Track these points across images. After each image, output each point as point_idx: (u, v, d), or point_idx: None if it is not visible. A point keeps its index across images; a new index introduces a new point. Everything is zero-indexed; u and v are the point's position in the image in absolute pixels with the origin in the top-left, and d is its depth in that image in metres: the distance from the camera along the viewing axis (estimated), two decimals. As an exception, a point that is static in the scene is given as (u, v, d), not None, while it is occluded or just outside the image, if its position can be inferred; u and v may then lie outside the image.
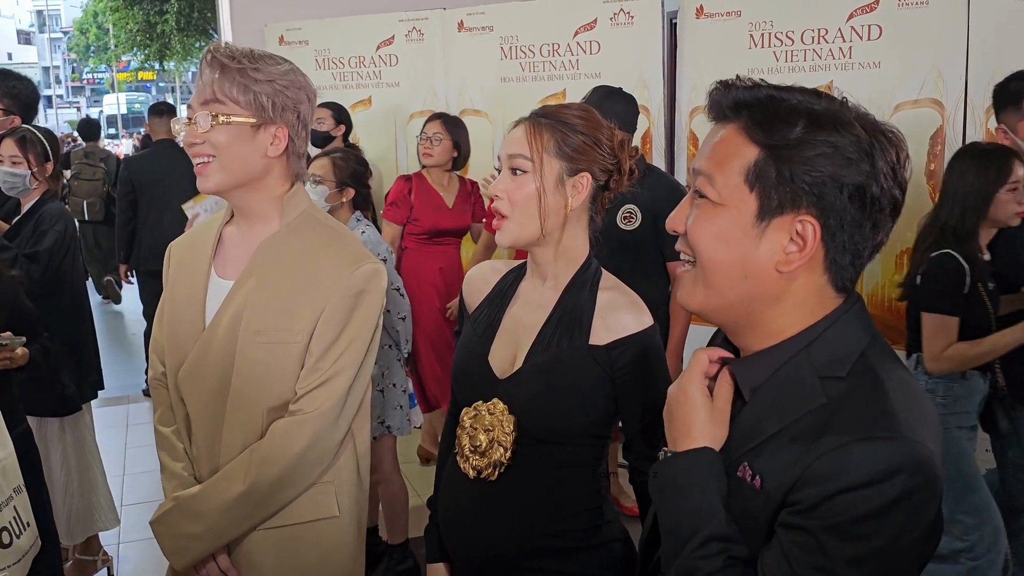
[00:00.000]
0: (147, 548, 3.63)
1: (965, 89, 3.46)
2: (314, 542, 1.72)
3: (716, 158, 1.06)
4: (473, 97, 4.67)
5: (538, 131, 1.54)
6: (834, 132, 1.01)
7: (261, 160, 1.66)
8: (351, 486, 1.77)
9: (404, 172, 4.98)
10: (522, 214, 1.54)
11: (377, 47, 4.90)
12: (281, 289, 1.65)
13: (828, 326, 1.06)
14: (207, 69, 1.63)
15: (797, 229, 1.02)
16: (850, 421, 0.98)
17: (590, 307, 1.56)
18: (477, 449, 1.55)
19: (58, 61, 52.62)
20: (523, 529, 1.56)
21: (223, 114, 1.61)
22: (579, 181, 1.55)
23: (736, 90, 1.07)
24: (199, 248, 1.78)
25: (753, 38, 3.88)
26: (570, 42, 4.32)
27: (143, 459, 4.70)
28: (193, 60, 23.45)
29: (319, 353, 1.65)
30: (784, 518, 0.99)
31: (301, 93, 1.67)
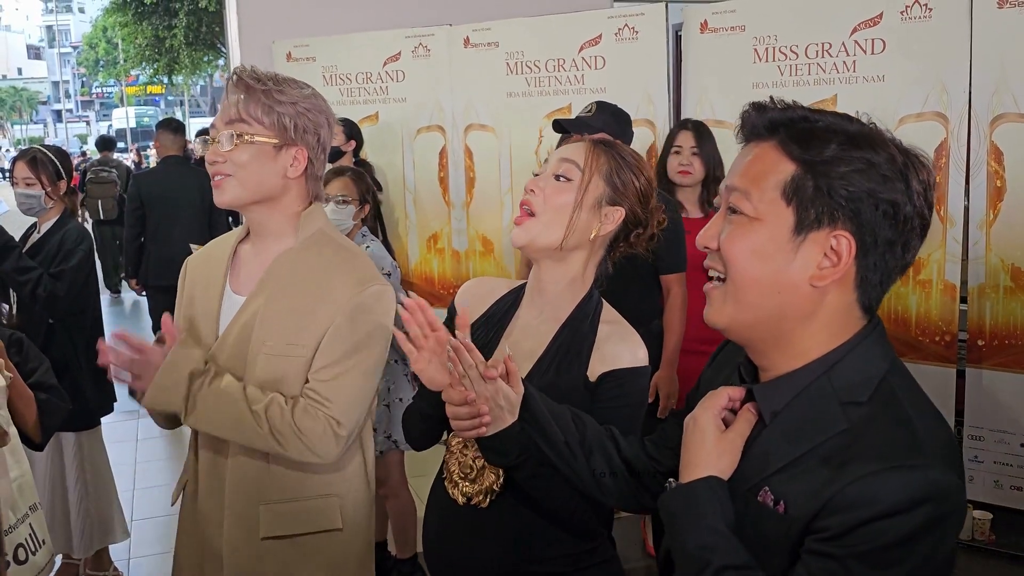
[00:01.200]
0: (158, 563, 3.66)
1: (969, 102, 3.47)
2: (317, 554, 1.75)
3: (751, 174, 1.08)
4: (479, 112, 4.70)
5: (597, 151, 1.57)
6: (869, 150, 1.03)
7: (280, 180, 1.71)
8: (356, 500, 1.79)
9: (410, 187, 5.02)
10: (551, 218, 1.54)
11: (384, 63, 4.94)
12: (291, 303, 1.70)
13: (850, 350, 1.07)
14: (232, 90, 1.69)
15: (832, 244, 1.04)
16: (876, 448, 0.99)
17: (590, 340, 1.55)
18: (467, 476, 1.54)
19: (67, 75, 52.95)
20: (512, 556, 1.55)
21: (247, 134, 1.67)
22: (613, 213, 1.56)
23: (771, 111, 1.09)
24: (214, 264, 1.83)
25: (757, 52, 3.90)
26: (575, 57, 4.35)
27: (153, 474, 4.74)
28: (201, 74, 23.60)
29: (320, 368, 1.68)
30: (811, 545, 1.00)
31: (321, 117, 1.73)
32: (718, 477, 1.10)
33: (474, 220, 4.81)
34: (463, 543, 1.59)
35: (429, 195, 4.95)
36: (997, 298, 3.53)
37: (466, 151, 4.78)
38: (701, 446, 1.12)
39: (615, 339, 1.55)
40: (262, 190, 1.71)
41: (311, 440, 1.65)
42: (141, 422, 5.58)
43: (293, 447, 1.65)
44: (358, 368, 1.69)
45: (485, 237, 4.79)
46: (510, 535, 1.55)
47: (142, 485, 4.60)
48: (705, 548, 1.06)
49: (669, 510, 1.13)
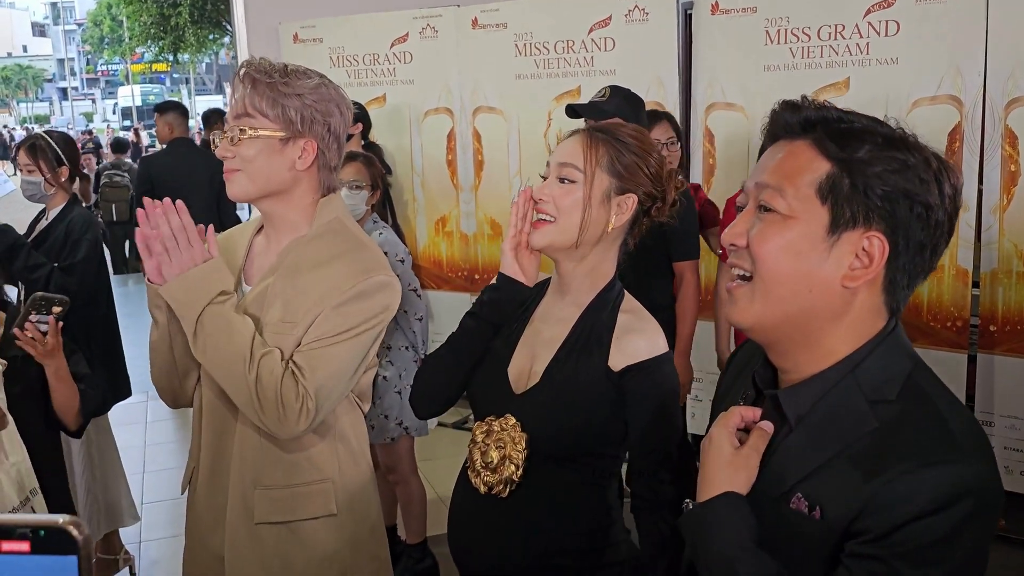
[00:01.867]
0: (169, 546, 3.68)
1: (984, 85, 3.42)
2: (311, 540, 1.75)
3: (784, 171, 1.07)
4: (487, 94, 4.67)
5: (594, 144, 1.54)
6: (905, 151, 1.03)
7: (289, 173, 1.70)
8: (350, 485, 1.79)
9: (418, 170, 5.00)
10: (565, 220, 1.53)
11: (391, 44, 4.90)
12: (293, 286, 1.69)
13: (872, 349, 1.06)
14: (240, 84, 1.68)
15: (864, 245, 1.03)
16: (911, 446, 0.98)
17: (610, 327, 1.55)
18: (488, 465, 1.55)
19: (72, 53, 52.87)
20: (531, 547, 1.56)
21: (252, 128, 1.66)
22: (625, 201, 1.54)
23: (806, 109, 1.08)
24: (232, 253, 1.82)
25: (769, 34, 3.85)
26: (584, 39, 4.31)
27: (163, 456, 4.76)
28: (207, 52, 23.52)
29: (307, 342, 1.65)
30: (854, 548, 0.99)
31: (331, 106, 1.70)
32: (736, 492, 1.09)
33: (483, 203, 4.79)
34: (484, 532, 1.59)
35: (437, 178, 4.93)
36: (1010, 283, 3.51)
37: (474, 134, 4.75)
38: (717, 463, 1.11)
39: (634, 330, 1.55)
40: (271, 184, 1.70)
41: (286, 411, 1.61)
42: (151, 404, 5.59)
43: (268, 409, 1.62)
44: (343, 349, 1.66)
45: (494, 220, 4.77)
46: (528, 526, 1.56)
47: (152, 468, 4.62)
48: (730, 561, 1.06)
49: (690, 530, 1.12)
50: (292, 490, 1.75)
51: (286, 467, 1.75)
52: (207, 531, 1.82)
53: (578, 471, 1.56)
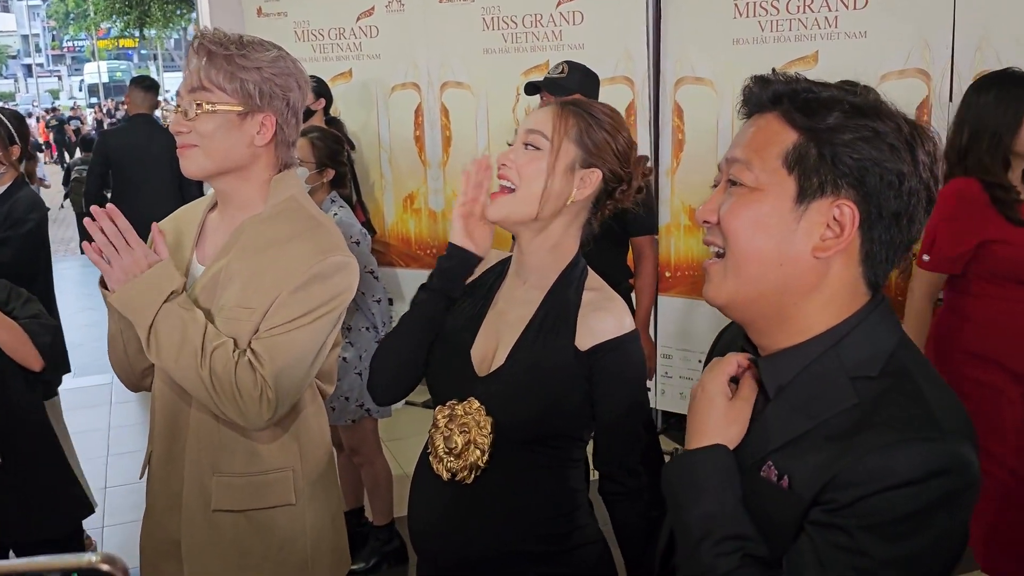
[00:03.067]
0: (132, 531, 3.60)
1: (952, 59, 3.41)
2: (270, 528, 1.72)
3: (753, 145, 1.05)
4: (455, 69, 4.60)
5: (565, 115, 1.51)
6: (876, 119, 1.00)
7: (247, 149, 1.65)
8: (309, 474, 1.76)
9: (385, 146, 4.92)
10: (527, 191, 1.49)
11: (357, 18, 4.81)
12: (249, 267, 1.65)
13: (856, 324, 1.04)
14: (194, 56, 1.62)
15: (835, 214, 1.01)
16: (889, 421, 0.96)
17: (575, 306, 1.52)
18: (452, 451, 1.51)
19: (37, 29, 51.87)
20: (499, 533, 1.52)
21: (208, 102, 1.60)
22: (589, 176, 1.50)
23: (775, 83, 1.06)
24: (183, 232, 1.77)
25: (738, 7, 3.81)
26: (553, 12, 4.24)
27: (127, 439, 4.68)
28: (174, 28, 23.14)
29: (265, 329, 1.61)
30: (817, 516, 0.97)
31: (290, 80, 1.66)
32: (725, 446, 1.07)
33: (451, 179, 4.73)
34: (447, 519, 1.55)
35: (405, 154, 4.86)
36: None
37: (442, 109, 4.68)
38: (709, 413, 1.09)
39: (601, 308, 1.51)
40: (229, 160, 1.65)
41: (245, 401, 1.59)
42: (115, 386, 5.51)
43: (227, 401, 1.59)
44: (302, 335, 1.62)
45: (462, 197, 4.71)
46: (495, 512, 1.52)
47: (116, 451, 4.54)
48: (707, 517, 1.04)
49: (674, 478, 1.10)
50: (250, 478, 1.72)
51: (245, 455, 1.71)
52: (163, 515, 1.78)
53: (544, 454, 1.52)
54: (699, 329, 4.08)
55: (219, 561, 1.74)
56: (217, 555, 1.73)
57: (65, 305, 8.04)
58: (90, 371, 5.89)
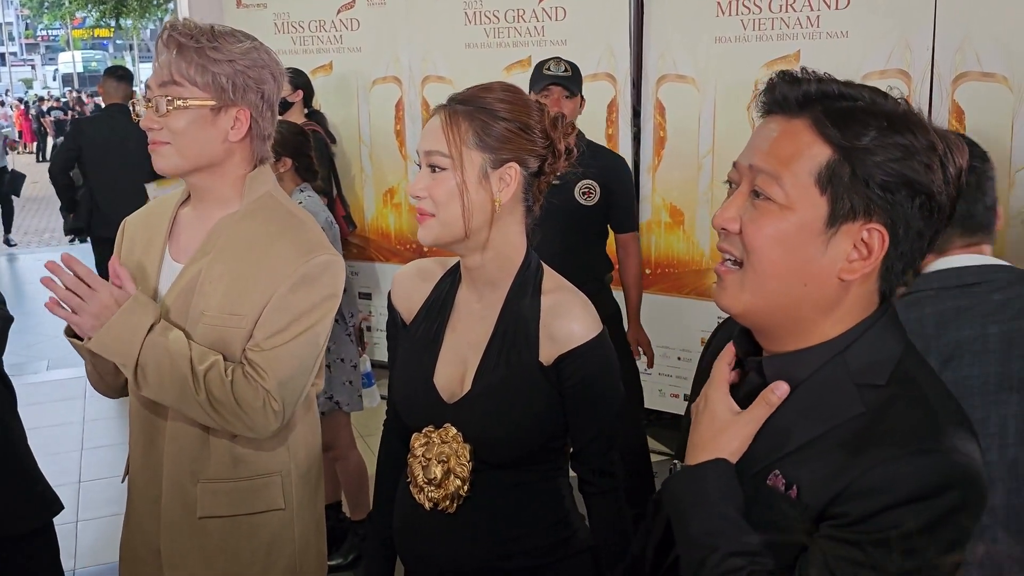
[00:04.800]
0: (107, 525, 3.58)
1: (932, 59, 3.43)
2: (258, 532, 1.69)
3: (781, 155, 0.99)
4: (437, 64, 4.58)
5: (455, 121, 1.38)
6: (910, 134, 0.96)
7: (222, 145, 1.60)
8: (299, 479, 1.74)
9: (366, 140, 4.90)
10: (446, 212, 1.39)
11: (338, 11, 4.78)
12: (232, 271, 1.60)
13: (864, 331, 1.02)
14: (164, 49, 1.56)
15: (863, 237, 0.98)
16: (897, 433, 0.95)
17: (535, 315, 1.44)
18: (432, 481, 1.45)
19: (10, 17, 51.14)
20: (486, 555, 1.49)
21: (180, 97, 1.55)
22: (506, 173, 1.40)
23: (806, 83, 1.01)
24: (154, 228, 1.72)
25: (720, 6, 3.82)
26: (535, 8, 4.23)
27: (101, 433, 4.64)
28: (151, 18, 22.90)
29: (260, 339, 1.59)
30: (828, 531, 0.96)
31: (264, 72, 1.60)
32: (726, 460, 1.05)
33: (431, 174, 4.70)
34: (436, 544, 1.50)
35: (385, 148, 4.84)
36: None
37: (423, 103, 4.66)
38: (710, 427, 1.07)
39: (564, 315, 1.44)
40: (203, 157, 1.60)
41: (250, 415, 1.57)
42: (90, 379, 5.46)
43: (232, 419, 1.57)
44: (299, 341, 1.60)
45: (442, 192, 4.69)
46: (480, 536, 1.48)
47: (90, 445, 4.49)
48: (711, 533, 1.02)
49: (674, 493, 1.08)
50: (236, 484, 1.69)
51: (229, 461, 1.68)
52: (143, 521, 1.75)
53: (528, 471, 1.48)
54: (679, 326, 4.09)
55: (204, 567, 1.70)
56: (202, 561, 1.70)
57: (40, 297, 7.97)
58: (64, 364, 5.83)
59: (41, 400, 5.08)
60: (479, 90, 1.43)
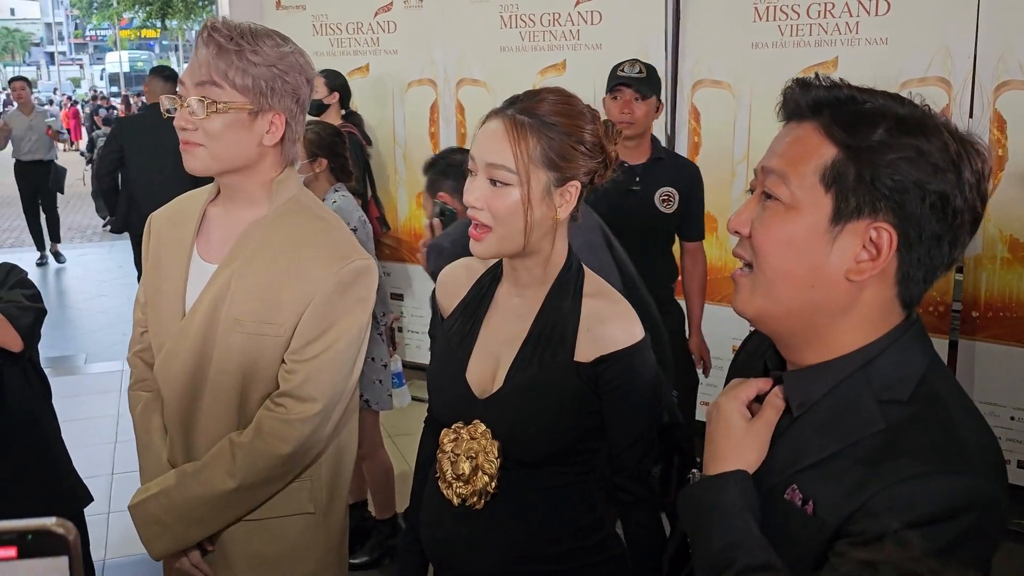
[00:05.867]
0: (104, 523, 3.62)
1: (974, 68, 3.38)
2: (286, 536, 1.70)
3: (790, 157, 1.00)
4: (472, 67, 4.59)
5: (522, 136, 1.35)
6: (921, 136, 0.95)
7: (256, 148, 1.59)
8: (328, 484, 1.73)
9: (400, 142, 4.93)
10: (505, 227, 1.37)
11: (375, 13, 4.81)
12: (264, 278, 1.59)
13: (888, 344, 1.00)
14: (203, 47, 1.54)
15: (871, 236, 0.96)
16: (918, 450, 0.93)
17: (574, 317, 1.43)
18: (460, 477, 1.45)
19: (60, 17, 52.17)
20: (514, 554, 1.47)
21: (220, 100, 1.53)
22: (568, 190, 1.39)
23: (816, 89, 1.01)
24: (182, 225, 1.71)
25: (758, 11, 3.79)
26: (571, 12, 4.23)
27: (110, 431, 4.69)
28: (196, 19, 23.22)
29: (299, 348, 1.58)
30: (843, 548, 0.93)
31: (300, 76, 1.59)
32: (745, 471, 1.03)
33: (465, 177, 4.71)
34: (462, 544, 1.50)
35: (419, 150, 4.86)
36: (994, 269, 3.49)
37: (457, 106, 4.68)
38: (727, 437, 1.05)
39: (608, 318, 1.43)
40: (236, 160, 1.59)
41: (296, 446, 1.60)
42: (126, 372, 5.53)
43: (294, 462, 1.63)
44: (336, 347, 1.60)
45: (475, 195, 4.70)
46: (508, 536, 1.47)
47: (124, 437, 4.55)
48: (730, 547, 1.00)
49: (693, 504, 1.06)
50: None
51: None
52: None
53: (558, 473, 1.47)
54: (711, 334, 4.04)
55: (225, 570, 1.71)
56: (225, 563, 1.71)
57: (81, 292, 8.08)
58: (102, 358, 5.93)
59: (78, 393, 5.17)
60: (538, 101, 1.39)
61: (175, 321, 1.65)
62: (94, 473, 3.61)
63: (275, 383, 1.61)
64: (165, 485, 1.64)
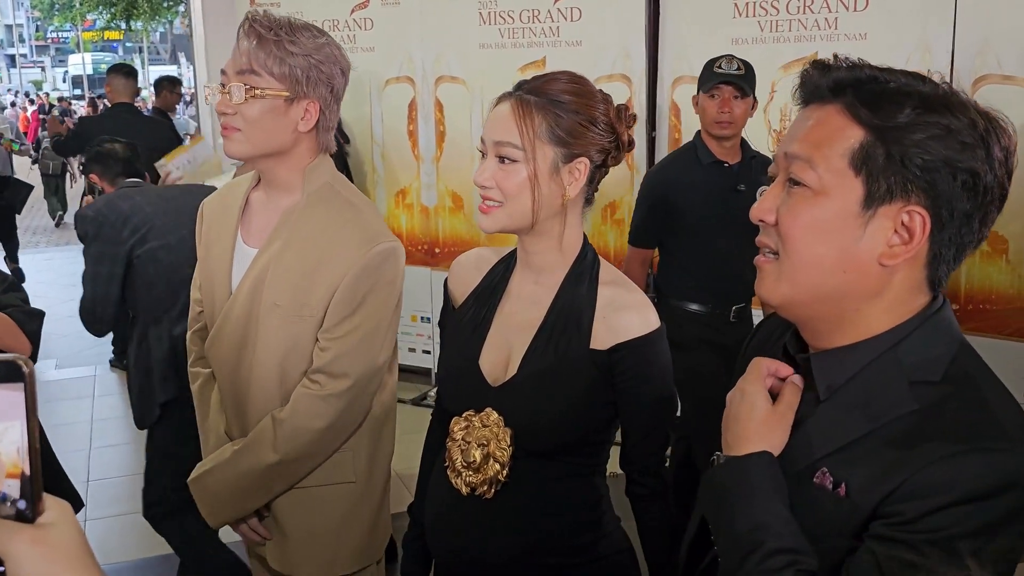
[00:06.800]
0: (114, 524, 3.56)
1: (952, 62, 3.40)
2: (332, 505, 1.80)
3: (814, 140, 0.97)
4: (450, 64, 4.56)
5: (527, 113, 1.37)
6: (948, 114, 0.93)
7: (291, 134, 1.68)
8: (368, 454, 1.83)
9: (378, 140, 4.88)
10: (514, 204, 1.39)
11: (351, 11, 4.77)
12: (299, 262, 1.69)
13: (917, 326, 0.99)
14: (244, 38, 1.64)
15: (903, 220, 0.94)
16: (954, 429, 0.91)
17: (590, 305, 1.43)
18: (471, 465, 1.43)
19: (21, 19, 51.35)
20: (522, 547, 1.46)
21: (258, 87, 1.62)
22: (576, 167, 1.39)
23: (837, 70, 0.98)
24: (228, 211, 1.82)
25: (737, 7, 3.79)
26: (550, 8, 4.21)
27: (110, 432, 4.61)
28: (161, 20, 22.97)
29: (331, 327, 1.68)
30: (880, 530, 0.92)
31: (335, 68, 1.69)
32: (771, 453, 1.01)
33: (444, 175, 4.69)
34: (470, 534, 1.48)
35: (397, 149, 4.82)
36: (974, 262, 3.51)
37: (436, 104, 4.64)
38: (750, 419, 1.03)
39: (624, 306, 1.42)
40: (272, 144, 1.67)
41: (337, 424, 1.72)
42: (99, 378, 5.44)
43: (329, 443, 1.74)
44: (366, 326, 1.69)
45: (455, 193, 4.67)
46: (518, 525, 1.45)
47: (99, 444, 4.47)
48: (757, 528, 0.98)
49: (718, 486, 1.04)
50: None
51: None
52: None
53: (568, 464, 1.46)
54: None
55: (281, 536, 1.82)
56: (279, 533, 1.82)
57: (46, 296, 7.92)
58: (73, 363, 5.82)
59: (50, 399, 5.07)
60: (547, 81, 1.41)
61: (222, 300, 1.78)
62: (70, 480, 3.54)
63: (312, 361, 1.72)
64: (219, 461, 1.79)
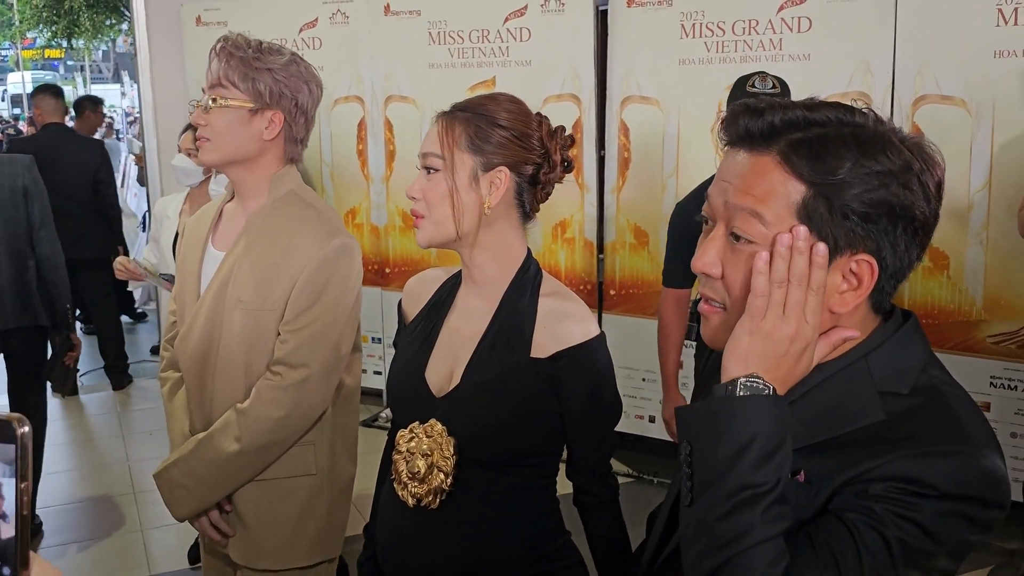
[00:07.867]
0: (62, 553, 3.45)
1: (892, 82, 3.49)
2: (292, 496, 1.87)
3: (756, 193, 0.96)
4: (400, 83, 4.55)
5: (451, 126, 1.43)
6: (884, 157, 0.93)
7: (256, 143, 1.82)
8: (329, 449, 1.90)
9: (327, 160, 4.85)
10: (437, 213, 1.44)
11: (300, 30, 4.75)
12: (262, 260, 1.81)
13: (886, 338, 1.00)
14: (216, 58, 1.80)
15: (852, 268, 0.95)
16: (920, 434, 0.93)
17: (531, 315, 1.45)
18: (415, 475, 1.43)
19: (-42, 37, 50.19)
20: (468, 558, 1.46)
21: (223, 98, 1.78)
22: (495, 177, 1.43)
23: (770, 113, 0.97)
24: (202, 222, 1.97)
25: (684, 28, 3.85)
26: (500, 28, 4.24)
27: (54, 459, 4.44)
28: (104, 39, 22.63)
29: (290, 319, 1.79)
30: (847, 499, 0.92)
31: (300, 83, 1.83)
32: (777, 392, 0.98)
33: (394, 195, 4.67)
34: (416, 545, 1.48)
35: (347, 168, 4.80)
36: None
37: (386, 123, 4.63)
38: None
39: (562, 316, 1.45)
40: (238, 152, 1.82)
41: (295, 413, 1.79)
42: (51, 403, 5.28)
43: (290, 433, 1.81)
44: (324, 319, 1.80)
45: (405, 212, 4.65)
46: (463, 536, 1.46)
47: (48, 470, 4.28)
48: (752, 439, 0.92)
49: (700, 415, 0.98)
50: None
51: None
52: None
53: (516, 475, 1.46)
54: (643, 347, 4.08)
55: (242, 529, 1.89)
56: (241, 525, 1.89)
57: None
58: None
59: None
60: (483, 99, 1.48)
61: (192, 304, 1.90)
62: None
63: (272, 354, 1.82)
64: (183, 452, 1.87)
